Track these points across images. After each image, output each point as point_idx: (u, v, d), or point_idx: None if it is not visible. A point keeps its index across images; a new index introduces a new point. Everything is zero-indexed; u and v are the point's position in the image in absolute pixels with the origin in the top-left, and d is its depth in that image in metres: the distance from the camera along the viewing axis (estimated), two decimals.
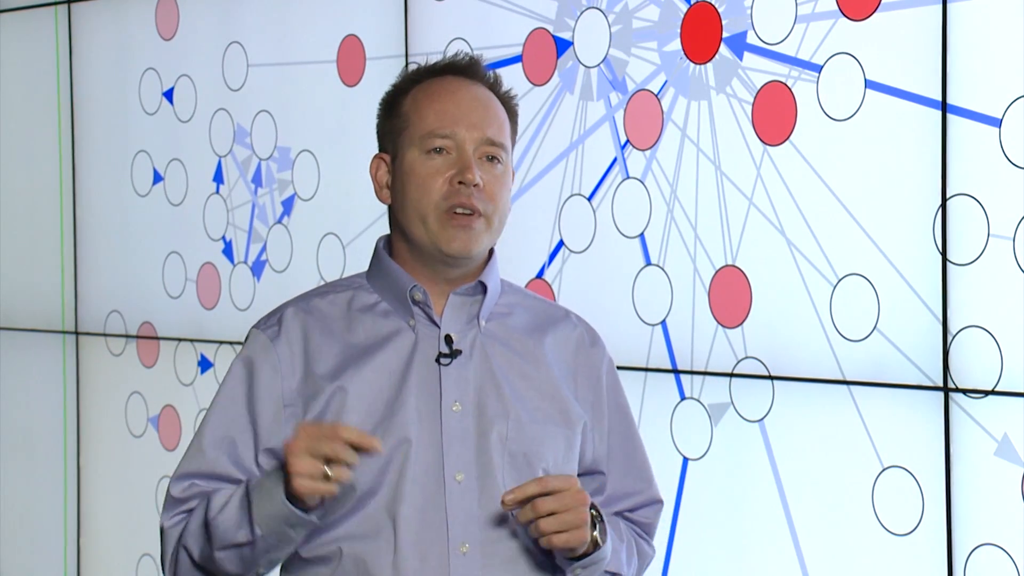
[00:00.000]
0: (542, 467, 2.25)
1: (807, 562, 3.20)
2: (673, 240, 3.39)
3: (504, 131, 2.28)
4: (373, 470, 2.20)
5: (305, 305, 2.30)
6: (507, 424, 2.24)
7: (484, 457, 2.22)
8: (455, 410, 2.23)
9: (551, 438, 2.27)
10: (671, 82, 3.39)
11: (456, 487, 2.21)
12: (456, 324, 2.26)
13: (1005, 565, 2.92)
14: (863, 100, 3.08)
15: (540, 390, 2.29)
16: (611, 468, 2.35)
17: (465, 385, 2.24)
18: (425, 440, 2.21)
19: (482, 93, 2.29)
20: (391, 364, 2.24)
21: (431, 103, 2.27)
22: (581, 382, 2.33)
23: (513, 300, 2.34)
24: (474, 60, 2.32)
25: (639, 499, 2.38)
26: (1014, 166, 2.89)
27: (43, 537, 4.95)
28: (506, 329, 2.30)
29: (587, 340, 2.36)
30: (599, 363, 2.35)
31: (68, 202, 4.81)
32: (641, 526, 2.39)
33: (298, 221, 4.18)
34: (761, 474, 3.26)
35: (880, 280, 3.07)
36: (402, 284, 2.26)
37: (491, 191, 2.24)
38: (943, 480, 3.00)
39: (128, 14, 4.60)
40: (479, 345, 2.27)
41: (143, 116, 4.57)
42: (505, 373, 2.27)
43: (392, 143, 2.30)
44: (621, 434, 2.36)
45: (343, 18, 4.05)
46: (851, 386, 3.12)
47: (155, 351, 4.57)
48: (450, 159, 2.24)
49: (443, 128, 2.24)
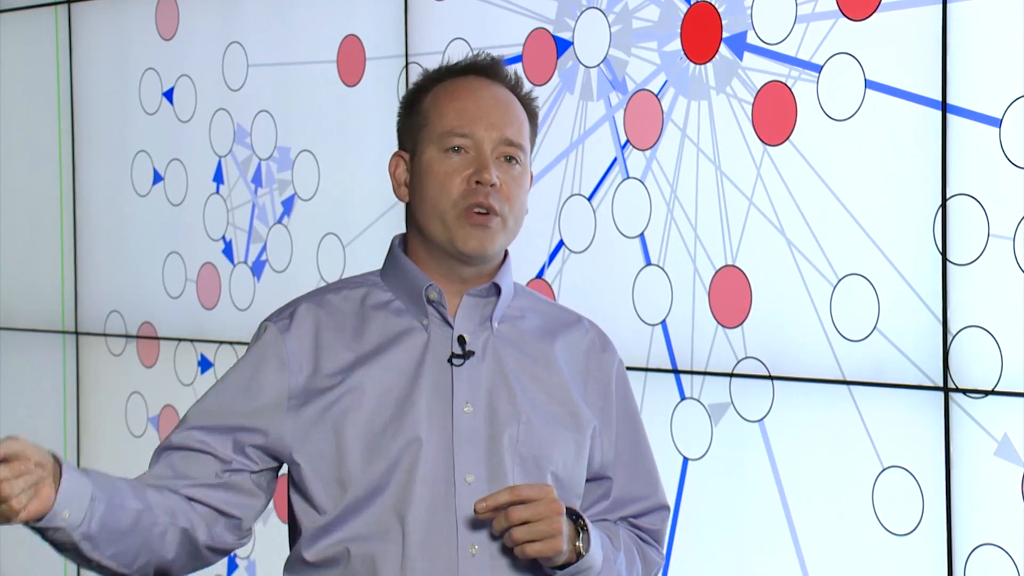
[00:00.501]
0: (551, 470, 2.25)
1: (807, 562, 3.20)
2: (673, 240, 3.39)
3: (523, 132, 2.28)
4: (381, 469, 2.20)
5: (318, 300, 2.30)
6: (518, 427, 2.23)
7: (494, 459, 2.22)
8: (466, 411, 2.23)
9: (561, 442, 2.27)
10: (671, 82, 3.39)
11: (466, 488, 2.21)
12: (469, 325, 2.26)
13: (1005, 565, 2.92)
14: (863, 100, 3.08)
15: (551, 393, 2.28)
16: (617, 473, 2.35)
17: (477, 387, 2.24)
18: (436, 440, 2.21)
19: (502, 94, 2.29)
20: (402, 363, 2.24)
21: (451, 101, 2.27)
22: (591, 387, 2.33)
23: (526, 303, 2.34)
24: (495, 60, 2.32)
25: (645, 505, 2.38)
26: (1014, 166, 2.89)
27: None
28: (518, 332, 2.30)
29: (598, 345, 2.36)
30: (609, 368, 2.35)
31: (68, 202, 4.81)
32: (648, 533, 2.38)
33: (298, 221, 4.18)
34: (761, 474, 3.26)
35: (880, 280, 3.07)
36: (417, 283, 2.26)
37: (508, 191, 2.24)
38: (943, 480, 3.00)
39: (128, 14, 4.60)
40: (491, 347, 2.27)
41: (143, 116, 4.57)
42: (517, 375, 2.27)
43: (411, 141, 2.30)
44: (629, 440, 2.36)
45: (343, 18, 4.05)
46: (851, 386, 3.12)
47: (155, 351, 4.57)
48: (468, 158, 2.24)
49: (462, 127, 2.24)
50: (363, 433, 2.21)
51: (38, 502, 2.03)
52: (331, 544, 2.22)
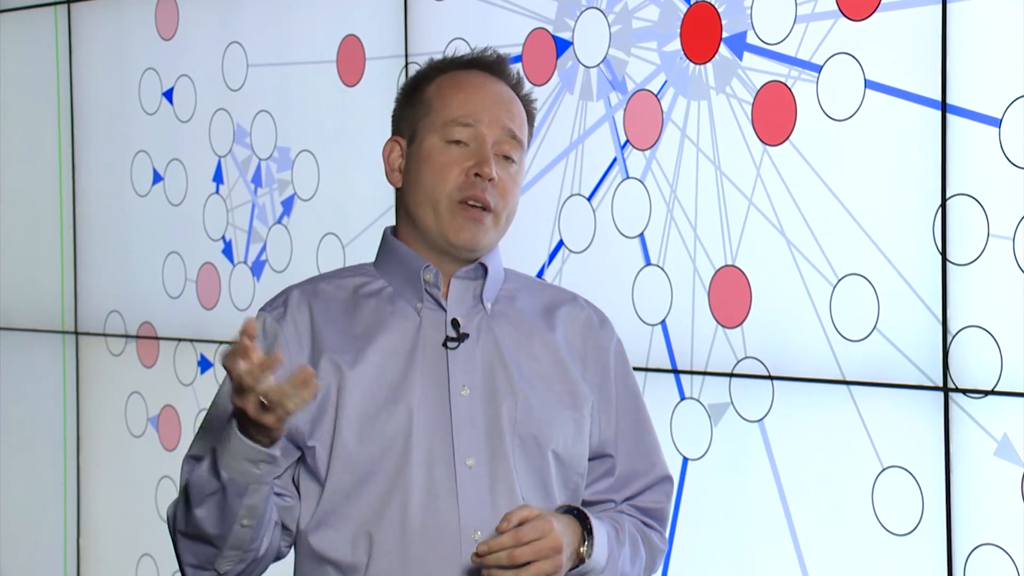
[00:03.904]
0: (552, 448, 2.25)
1: (807, 562, 3.20)
2: (673, 240, 3.39)
3: (523, 130, 2.30)
4: (374, 454, 2.20)
5: (311, 288, 2.30)
6: (516, 406, 2.24)
7: (495, 441, 2.22)
8: (463, 395, 2.23)
9: (560, 420, 2.27)
10: (671, 82, 3.39)
11: (467, 472, 2.21)
12: (462, 307, 2.27)
13: (1005, 565, 2.92)
14: (863, 100, 3.08)
15: (548, 372, 2.29)
16: (619, 449, 2.35)
17: (473, 369, 2.24)
18: (433, 425, 2.21)
19: (505, 91, 2.31)
20: (396, 347, 2.24)
21: (456, 92, 2.28)
22: (589, 363, 2.33)
23: (517, 285, 2.35)
24: (501, 58, 2.34)
25: (647, 479, 2.37)
26: (1014, 166, 2.89)
27: (43, 537, 4.95)
28: (514, 311, 2.31)
29: (595, 321, 2.36)
30: (607, 344, 2.35)
31: (68, 202, 4.81)
32: (650, 513, 2.38)
33: (298, 221, 4.18)
34: (761, 474, 3.26)
35: (880, 280, 3.07)
36: (415, 265, 2.27)
37: (504, 188, 2.25)
38: (943, 480, 3.00)
39: (128, 14, 4.60)
40: (486, 327, 2.27)
41: (143, 116, 4.57)
42: (513, 355, 2.27)
43: (410, 128, 2.30)
44: (630, 416, 2.36)
45: (343, 18, 4.05)
46: (851, 386, 3.12)
47: (155, 351, 4.58)
48: (469, 151, 2.25)
49: (466, 117, 2.25)
50: (356, 415, 2.21)
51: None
52: (332, 531, 2.22)
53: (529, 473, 2.25)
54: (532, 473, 2.25)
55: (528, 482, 2.25)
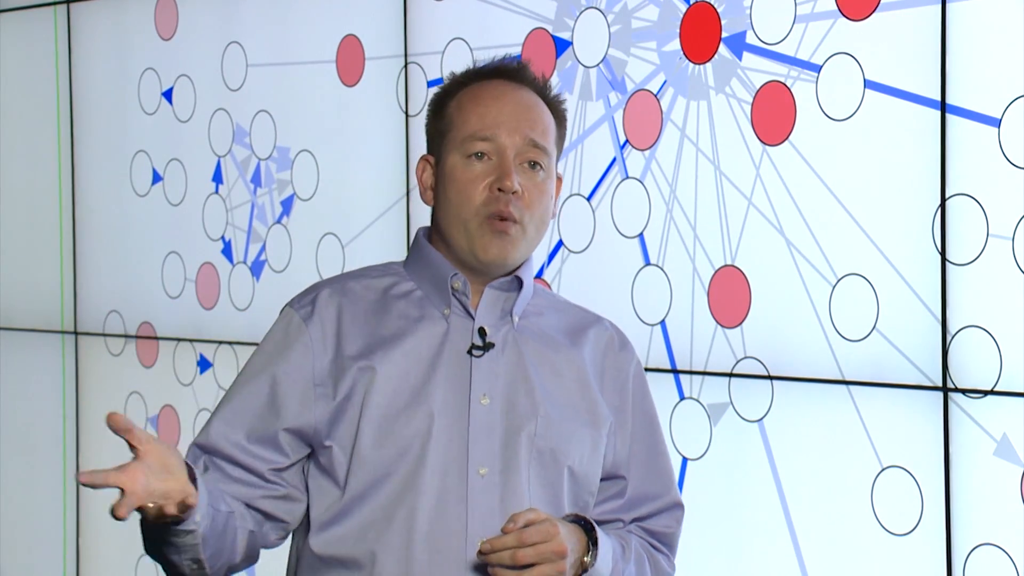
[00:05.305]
0: (568, 464, 2.25)
1: (806, 562, 3.20)
2: (672, 240, 3.39)
3: (548, 135, 2.28)
4: (391, 455, 2.20)
5: (340, 287, 2.30)
6: (536, 421, 2.24)
7: (509, 452, 2.22)
8: (483, 403, 2.23)
9: (579, 437, 2.27)
10: (670, 82, 3.39)
11: (479, 481, 2.21)
12: (490, 317, 2.27)
13: (1004, 565, 2.92)
14: (862, 100, 3.08)
15: (570, 389, 2.29)
16: (632, 472, 2.34)
17: (495, 379, 2.24)
18: (450, 431, 2.21)
19: (528, 97, 2.29)
20: (421, 351, 2.24)
21: (475, 106, 2.27)
22: (608, 384, 2.33)
23: (544, 302, 2.35)
24: (522, 64, 2.32)
25: (658, 504, 2.37)
26: (1013, 166, 2.89)
27: (43, 537, 4.95)
28: (540, 327, 2.31)
29: (617, 344, 2.36)
30: (627, 367, 2.35)
31: (68, 202, 4.81)
32: (659, 537, 2.37)
33: (297, 221, 4.18)
34: (760, 474, 3.26)
35: (879, 280, 3.07)
36: (443, 272, 2.26)
37: (529, 199, 2.24)
38: (942, 480, 3.00)
39: (127, 14, 4.60)
40: (512, 340, 2.27)
41: (142, 116, 4.57)
42: (537, 370, 2.27)
43: (437, 146, 2.30)
44: (645, 440, 2.36)
45: (342, 18, 4.05)
46: (850, 386, 3.12)
47: (154, 351, 4.57)
48: (490, 165, 2.24)
49: (484, 131, 2.24)
50: (377, 417, 2.21)
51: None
52: (339, 531, 2.22)
53: (542, 486, 2.25)
54: (545, 487, 2.25)
55: (540, 495, 2.24)
